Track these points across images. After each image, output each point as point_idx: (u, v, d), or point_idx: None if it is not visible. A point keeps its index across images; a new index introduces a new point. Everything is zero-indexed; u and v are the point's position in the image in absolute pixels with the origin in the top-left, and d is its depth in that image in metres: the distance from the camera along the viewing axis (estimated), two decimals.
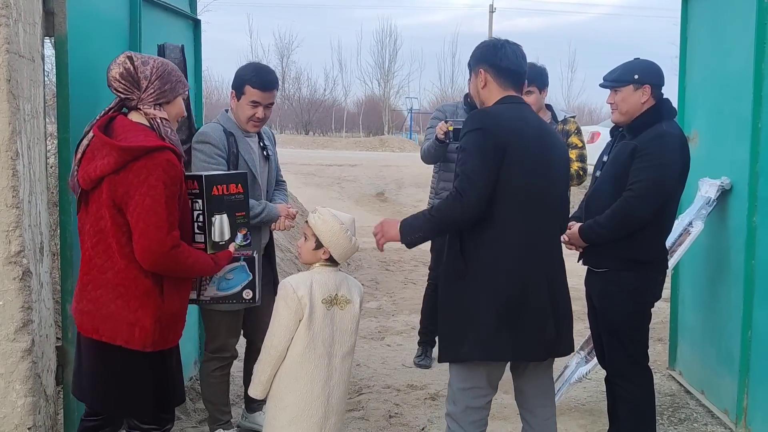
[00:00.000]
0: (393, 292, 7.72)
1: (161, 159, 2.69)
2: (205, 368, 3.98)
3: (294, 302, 2.96)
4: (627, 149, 3.56)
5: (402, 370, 5.37)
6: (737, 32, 4.28)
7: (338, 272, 3.10)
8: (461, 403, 3.16)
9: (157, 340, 2.81)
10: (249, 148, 3.85)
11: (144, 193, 2.66)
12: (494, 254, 3.05)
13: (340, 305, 3.04)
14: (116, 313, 2.76)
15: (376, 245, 3.28)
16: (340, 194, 15.69)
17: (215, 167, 3.65)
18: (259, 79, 3.74)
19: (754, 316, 4.01)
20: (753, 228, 4.01)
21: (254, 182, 3.82)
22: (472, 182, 2.95)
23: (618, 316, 3.63)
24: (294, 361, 3.00)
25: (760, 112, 3.97)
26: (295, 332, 2.98)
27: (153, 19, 4.17)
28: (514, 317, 3.04)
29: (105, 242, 2.74)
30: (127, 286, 2.75)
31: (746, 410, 4.07)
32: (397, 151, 32.77)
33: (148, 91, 2.79)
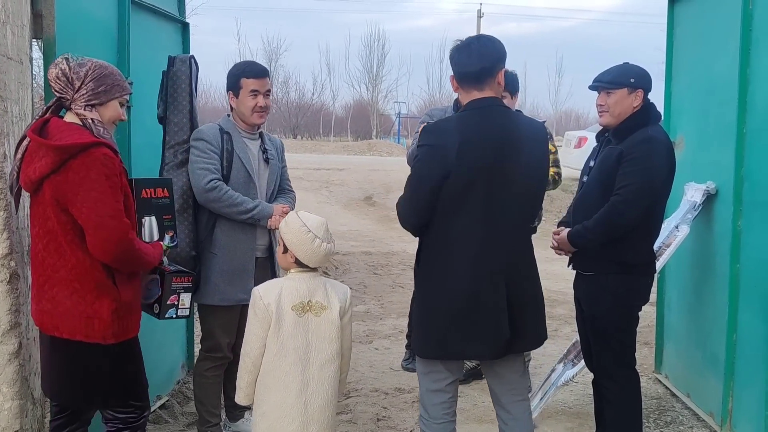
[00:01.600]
0: (381, 296, 7.73)
1: (98, 154, 2.73)
2: (199, 367, 4.00)
3: (261, 310, 2.95)
4: (613, 154, 3.58)
5: (390, 373, 5.38)
6: (722, 38, 4.32)
7: (315, 278, 3.04)
8: (423, 386, 3.29)
9: (116, 330, 2.86)
10: (246, 148, 3.90)
11: (88, 188, 2.71)
12: (443, 257, 3.11)
13: (314, 312, 3.00)
14: (73, 308, 2.80)
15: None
16: (328, 198, 15.68)
17: (209, 161, 3.73)
18: (251, 69, 3.91)
19: (739, 320, 4.04)
20: (738, 232, 4.05)
21: (249, 182, 3.86)
22: (408, 201, 3.14)
23: (606, 319, 3.65)
24: (265, 369, 2.99)
25: (745, 117, 4.01)
26: (266, 340, 2.97)
27: (141, 22, 4.17)
28: (464, 318, 3.09)
29: (55, 242, 2.78)
30: (81, 281, 2.79)
31: (731, 413, 4.10)
32: (385, 156, 32.76)
33: (81, 91, 2.82)
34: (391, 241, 11.48)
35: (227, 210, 3.74)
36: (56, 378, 2.90)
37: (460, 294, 3.08)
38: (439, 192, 3.04)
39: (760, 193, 3.86)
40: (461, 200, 3.05)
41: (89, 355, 2.83)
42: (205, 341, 3.96)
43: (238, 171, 3.84)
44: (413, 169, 3.15)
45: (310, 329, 2.99)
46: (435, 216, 3.09)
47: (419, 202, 3.09)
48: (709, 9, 4.58)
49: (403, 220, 3.19)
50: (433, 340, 3.14)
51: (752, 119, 3.96)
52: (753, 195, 3.93)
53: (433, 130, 3.14)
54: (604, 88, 3.68)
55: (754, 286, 3.91)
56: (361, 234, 11.87)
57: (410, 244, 11.28)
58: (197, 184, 3.72)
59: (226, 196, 3.73)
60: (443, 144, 3.04)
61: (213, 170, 3.74)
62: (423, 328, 3.21)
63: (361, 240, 11.22)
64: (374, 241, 11.33)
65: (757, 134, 3.91)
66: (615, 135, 3.65)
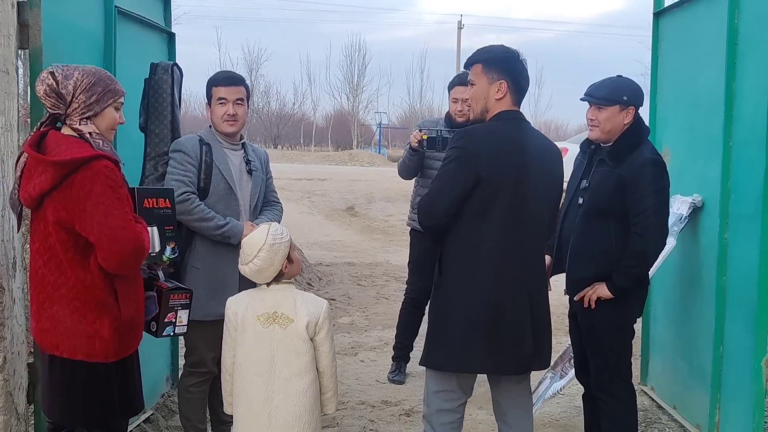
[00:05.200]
0: (366, 307, 7.70)
1: (99, 166, 2.67)
2: (183, 383, 3.92)
3: (229, 319, 3.04)
4: (612, 179, 3.55)
5: (376, 386, 5.34)
6: (707, 51, 4.35)
7: (287, 290, 3.03)
8: (433, 405, 3.23)
9: (117, 349, 2.81)
10: (226, 159, 3.82)
11: (95, 203, 2.64)
12: (469, 267, 3.09)
13: (280, 323, 2.97)
14: (74, 327, 2.74)
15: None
16: (310, 208, 15.65)
17: (184, 173, 3.66)
18: (220, 77, 3.90)
19: (725, 332, 4.05)
20: (724, 245, 4.06)
21: (230, 194, 3.79)
22: (434, 198, 3.12)
23: (603, 332, 3.65)
24: (234, 379, 3.04)
25: (731, 130, 4.02)
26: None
27: (127, 32, 4.13)
28: (489, 330, 3.06)
29: (56, 259, 2.72)
30: (82, 300, 2.73)
31: (718, 425, 4.10)
32: (367, 166, 32.79)
33: (73, 105, 2.75)
34: (375, 252, 11.47)
35: (197, 224, 3.65)
36: (55, 396, 2.82)
37: (485, 304, 3.06)
38: (466, 197, 3.04)
39: (746, 205, 3.87)
40: (488, 208, 3.05)
41: (90, 373, 2.77)
42: (189, 356, 3.89)
43: (218, 183, 3.75)
44: (444, 170, 3.11)
45: (275, 341, 2.97)
46: (460, 223, 3.07)
47: (445, 203, 3.08)
48: (693, 23, 4.62)
49: (425, 219, 3.17)
50: (455, 352, 3.09)
51: (738, 132, 3.98)
52: (739, 208, 3.95)
53: (467, 135, 3.14)
54: (596, 104, 3.66)
55: (740, 298, 3.92)
56: (344, 245, 11.85)
57: (393, 254, 11.28)
58: None
59: (196, 210, 3.63)
60: (477, 148, 3.06)
61: (187, 182, 3.66)
62: (443, 339, 3.12)
63: (344, 251, 11.19)
64: (357, 252, 11.30)
65: (743, 147, 3.93)
66: (611, 156, 3.61)
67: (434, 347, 3.17)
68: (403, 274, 9.47)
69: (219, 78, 3.87)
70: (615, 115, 3.61)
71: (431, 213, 3.13)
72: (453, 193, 3.06)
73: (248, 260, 2.99)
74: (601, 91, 3.66)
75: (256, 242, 2.98)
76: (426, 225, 3.18)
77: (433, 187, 3.15)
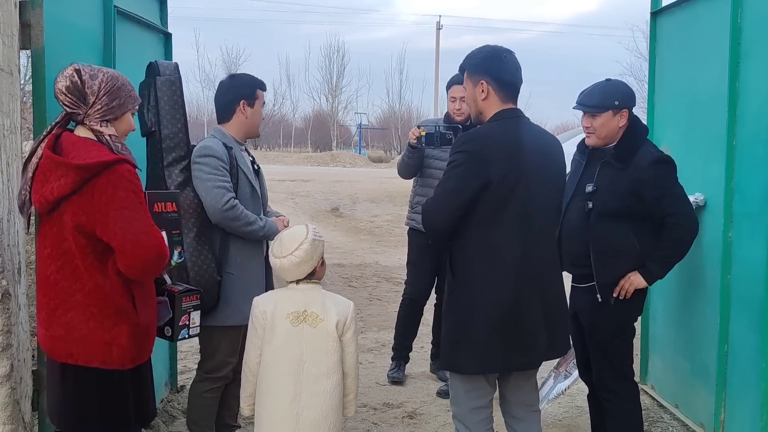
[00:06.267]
0: (359, 309, 7.65)
1: (122, 170, 2.60)
2: (197, 389, 3.84)
3: (257, 317, 3.00)
4: (623, 181, 3.56)
5: (376, 388, 5.30)
6: (708, 51, 4.35)
7: (314, 290, 3.03)
8: (465, 405, 3.22)
9: (135, 356, 2.74)
10: (245, 161, 3.82)
11: (118, 208, 2.57)
12: (488, 269, 3.08)
13: (310, 322, 2.96)
14: (90, 335, 2.66)
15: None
16: (294, 210, 15.56)
17: (223, 179, 3.60)
18: (262, 82, 3.91)
19: (730, 331, 4.06)
20: (728, 243, 4.07)
21: (254, 194, 3.80)
22: (441, 202, 3.09)
23: (606, 331, 3.66)
24: (260, 378, 3.00)
25: (735, 129, 4.03)
26: (261, 348, 2.99)
27: (126, 32, 4.08)
28: (511, 329, 3.08)
29: (71, 264, 2.63)
30: (99, 306, 2.65)
31: (723, 424, 4.11)
32: (349, 167, 32.76)
33: (95, 107, 2.67)
34: (363, 253, 11.43)
35: (245, 229, 3.64)
36: (68, 406, 2.74)
37: (504, 304, 3.07)
38: (474, 200, 3.02)
39: (751, 204, 3.88)
40: (501, 209, 3.05)
41: (105, 381, 2.70)
42: (207, 362, 3.80)
43: (244, 186, 3.74)
44: (451, 174, 3.08)
45: (304, 340, 2.95)
46: (473, 225, 3.06)
47: (453, 207, 3.06)
48: (693, 22, 4.62)
49: (431, 223, 3.14)
50: (480, 354, 3.10)
51: (742, 132, 3.99)
52: (743, 206, 3.95)
53: (472, 138, 3.12)
54: (589, 112, 3.67)
55: (745, 297, 3.93)
56: (332, 246, 11.79)
57: (382, 255, 11.26)
58: (215, 204, 3.56)
59: (243, 215, 3.63)
60: (484, 151, 3.04)
61: (229, 188, 3.62)
62: (467, 343, 3.11)
63: (332, 252, 11.13)
64: (346, 253, 11.26)
65: (747, 146, 3.93)
66: (618, 159, 3.62)
67: (458, 351, 3.15)
68: (394, 274, 9.53)
69: (262, 84, 3.91)
70: (609, 120, 3.64)
71: (438, 217, 3.10)
72: (461, 196, 3.04)
73: (287, 253, 2.98)
74: (593, 99, 3.68)
75: (298, 236, 3.01)
76: (431, 228, 3.16)
77: (439, 190, 3.12)
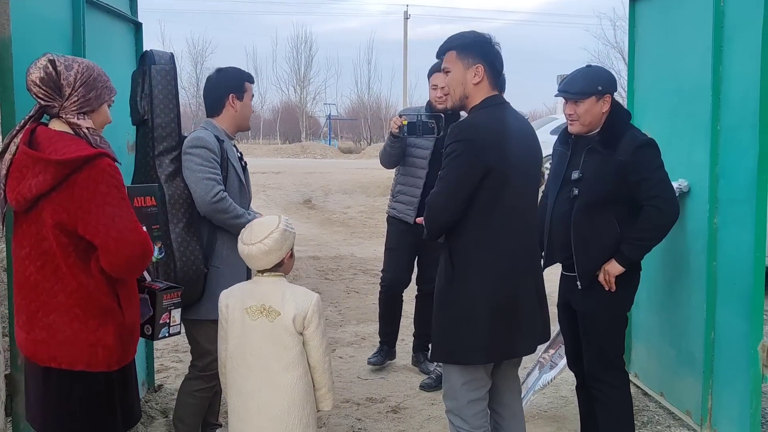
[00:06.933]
0: (337, 302, 7.55)
1: (103, 165, 2.48)
2: (188, 387, 3.72)
3: (221, 312, 3.00)
4: (610, 166, 3.51)
5: (358, 382, 5.21)
6: (690, 36, 4.31)
7: (278, 282, 2.98)
8: (463, 398, 3.16)
9: (121, 356, 2.63)
10: (234, 155, 3.74)
11: (100, 203, 2.45)
12: (489, 259, 3.06)
13: (268, 316, 2.90)
14: (74, 336, 2.54)
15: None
16: (266, 202, 15.40)
17: (213, 171, 3.52)
18: (250, 75, 3.86)
19: (717, 318, 4.03)
20: (714, 230, 4.03)
21: (242, 189, 3.72)
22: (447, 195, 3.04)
23: (598, 319, 3.62)
24: (226, 373, 3.01)
25: (719, 114, 3.99)
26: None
27: (95, 22, 3.93)
28: (512, 317, 3.08)
29: (52, 264, 2.51)
30: (83, 307, 2.53)
31: (711, 411, 4.09)
32: (320, 158, 32.59)
33: (72, 99, 2.55)
34: (337, 245, 11.33)
35: (233, 221, 3.53)
36: (52, 412, 2.61)
37: (506, 291, 3.06)
38: (476, 189, 2.99)
39: (737, 190, 3.84)
40: (498, 197, 3.03)
41: (91, 384, 2.58)
42: (200, 359, 3.68)
43: (233, 180, 3.66)
44: (452, 165, 3.03)
45: (263, 334, 2.91)
46: (471, 215, 3.03)
47: (459, 197, 3.01)
48: (673, 6, 4.57)
49: (437, 217, 3.07)
50: (482, 343, 3.06)
51: (726, 116, 3.95)
52: (729, 192, 3.92)
53: (468, 126, 3.09)
54: (572, 99, 3.62)
55: (732, 283, 3.90)
56: (305, 238, 11.67)
57: (357, 247, 11.16)
58: (203, 196, 3.49)
59: (232, 208, 3.55)
60: (482, 139, 3.01)
61: (218, 180, 3.53)
62: (470, 333, 3.07)
63: (307, 244, 11.02)
64: (320, 246, 11.15)
65: (732, 131, 3.90)
66: (603, 144, 3.58)
67: (460, 342, 3.09)
68: (371, 266, 9.44)
69: (250, 76, 3.85)
70: (593, 106, 3.59)
71: (446, 210, 3.04)
72: (466, 187, 3.01)
73: (257, 240, 2.91)
74: (576, 85, 3.62)
75: (269, 224, 2.96)
76: (439, 223, 3.07)
77: (443, 183, 3.05)
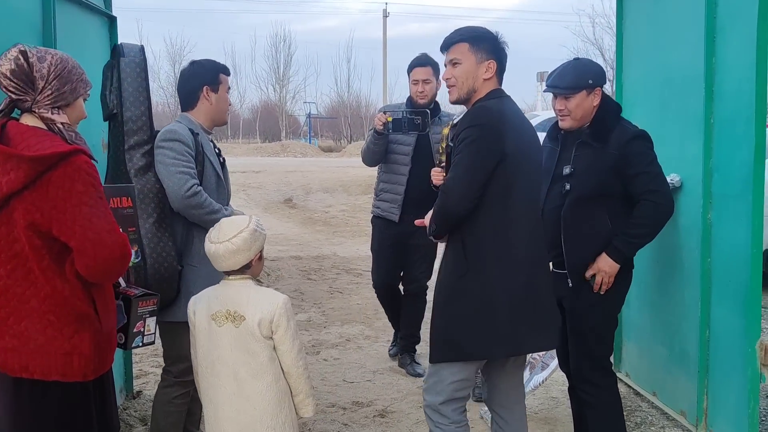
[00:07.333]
0: (320, 303, 7.41)
1: (80, 162, 2.34)
2: (165, 395, 3.55)
3: (189, 318, 2.90)
4: (603, 160, 3.44)
5: (344, 386, 5.08)
6: (680, 27, 4.21)
7: (245, 285, 2.84)
8: (445, 394, 3.06)
9: (97, 365, 2.49)
10: (212, 149, 3.59)
11: (77, 203, 2.31)
12: (505, 249, 2.98)
13: (234, 321, 2.78)
14: (48, 344, 2.39)
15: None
16: (246, 202, 15.23)
17: (187, 165, 3.37)
18: (225, 67, 3.70)
19: (711, 316, 3.94)
20: (708, 226, 3.94)
21: (220, 184, 3.57)
22: (464, 182, 2.92)
23: (588, 318, 3.54)
24: (199, 380, 2.92)
25: (712, 107, 3.90)
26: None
27: (67, 14, 3.77)
28: (526, 307, 2.99)
29: (24, 267, 2.37)
30: (58, 313, 2.39)
31: (707, 411, 3.99)
32: (300, 157, 32.40)
33: (45, 92, 2.41)
34: (319, 244, 11.19)
35: (207, 217, 3.36)
36: (24, 425, 2.44)
37: (520, 283, 2.98)
38: (491, 175, 2.92)
39: (732, 185, 3.74)
40: (512, 185, 2.96)
41: (66, 395, 2.43)
42: (175, 365, 3.50)
43: (210, 175, 3.51)
44: (467, 151, 2.93)
45: (230, 341, 2.78)
46: (485, 204, 2.94)
47: (475, 184, 2.92)
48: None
49: (455, 207, 2.94)
50: (502, 337, 2.97)
51: (720, 109, 3.85)
52: (724, 187, 3.82)
53: (483, 112, 3.01)
54: (563, 94, 3.52)
55: (727, 280, 3.80)
56: (287, 238, 11.52)
57: (339, 246, 11.02)
58: (177, 190, 3.33)
59: (207, 203, 3.39)
60: (497, 124, 2.95)
61: (192, 174, 3.38)
62: (488, 327, 2.96)
63: (288, 244, 10.87)
64: (302, 245, 11.00)
65: (726, 124, 3.80)
66: (595, 138, 3.50)
67: (475, 337, 2.98)
68: (354, 266, 9.32)
69: (225, 68, 3.70)
70: (584, 100, 3.51)
71: (466, 197, 2.91)
72: (482, 173, 2.92)
73: (225, 238, 2.78)
74: (565, 80, 3.53)
75: (238, 223, 2.83)
76: (458, 212, 2.94)
77: (459, 170, 2.94)
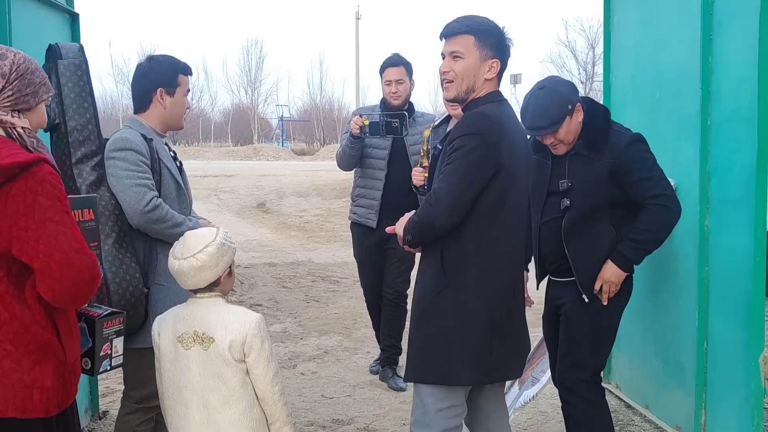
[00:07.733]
0: (296, 312, 7.15)
1: (43, 173, 2.10)
2: (128, 422, 3.24)
3: (154, 340, 2.66)
4: (601, 170, 3.30)
5: (323, 402, 4.83)
6: (673, 25, 4.05)
7: (215, 304, 2.60)
8: (438, 426, 2.83)
9: (61, 399, 2.23)
10: (167, 154, 3.29)
11: (41, 219, 2.07)
12: (490, 266, 2.79)
13: (202, 344, 2.54)
14: (4, 377, 2.13)
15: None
16: (218, 207, 14.95)
17: (144, 176, 3.09)
18: (186, 66, 3.37)
19: (710, 327, 3.76)
20: (705, 233, 3.76)
21: (180, 193, 3.29)
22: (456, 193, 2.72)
23: (587, 328, 3.39)
24: (165, 408, 2.67)
25: (708, 109, 3.72)
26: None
27: (23, 10, 3.51)
28: (503, 330, 2.81)
29: None
30: (16, 342, 2.13)
31: (704, 426, 3.81)
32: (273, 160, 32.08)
33: (5, 92, 2.18)
34: (294, 251, 10.93)
35: (170, 231, 3.08)
36: None
37: (501, 304, 2.80)
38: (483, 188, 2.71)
39: (731, 190, 3.56)
40: (503, 199, 2.77)
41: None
42: (136, 390, 3.21)
43: (169, 183, 3.22)
44: (463, 161, 2.71)
45: (198, 365, 2.53)
46: (472, 217, 2.73)
47: (467, 197, 2.71)
48: None
49: (440, 219, 2.73)
50: (477, 361, 2.77)
51: (717, 110, 3.67)
52: (723, 192, 3.64)
53: (483, 118, 2.78)
54: (549, 133, 3.34)
55: (726, 290, 3.62)
56: (261, 244, 11.25)
57: (314, 252, 10.78)
58: (134, 206, 3.04)
59: (169, 216, 3.10)
60: (496, 134, 2.74)
61: (151, 186, 3.09)
62: (468, 350, 2.75)
63: (262, 250, 10.60)
64: (276, 251, 10.73)
65: (724, 126, 3.62)
66: (589, 148, 3.35)
67: (453, 360, 2.77)
68: (330, 272, 9.08)
69: (185, 68, 3.36)
70: (569, 124, 3.36)
71: (452, 211, 2.71)
72: (476, 184, 2.71)
73: (190, 254, 2.53)
74: (546, 118, 3.31)
75: (204, 236, 2.59)
76: (440, 224, 2.73)
77: (450, 180, 2.72)
